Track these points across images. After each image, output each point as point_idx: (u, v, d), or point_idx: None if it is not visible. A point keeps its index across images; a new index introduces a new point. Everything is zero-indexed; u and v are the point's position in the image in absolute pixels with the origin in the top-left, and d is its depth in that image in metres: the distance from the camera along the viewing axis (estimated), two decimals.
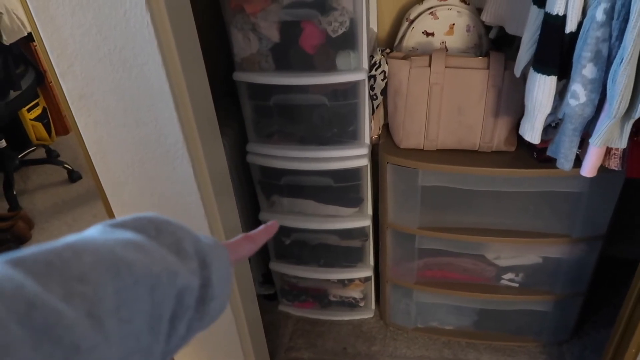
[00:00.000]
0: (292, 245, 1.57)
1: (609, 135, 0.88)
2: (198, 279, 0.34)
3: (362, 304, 1.69)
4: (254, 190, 1.50)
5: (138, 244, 0.31)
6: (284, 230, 1.53)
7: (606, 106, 0.86)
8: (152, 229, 0.33)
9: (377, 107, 1.35)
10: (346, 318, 1.70)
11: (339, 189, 1.41)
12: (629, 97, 0.81)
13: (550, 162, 1.15)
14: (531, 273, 1.41)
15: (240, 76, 1.27)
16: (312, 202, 1.46)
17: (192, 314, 0.33)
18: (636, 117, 0.83)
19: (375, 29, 1.44)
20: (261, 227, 0.45)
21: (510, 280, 1.44)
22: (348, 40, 1.19)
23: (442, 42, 1.32)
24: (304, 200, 1.46)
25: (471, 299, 1.50)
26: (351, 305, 1.69)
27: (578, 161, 1.01)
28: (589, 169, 0.95)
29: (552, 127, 1.14)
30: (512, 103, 1.19)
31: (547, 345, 1.54)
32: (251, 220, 1.55)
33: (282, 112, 1.33)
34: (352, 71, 1.22)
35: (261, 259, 1.71)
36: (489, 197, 1.29)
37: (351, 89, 1.26)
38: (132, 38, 0.79)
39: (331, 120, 1.31)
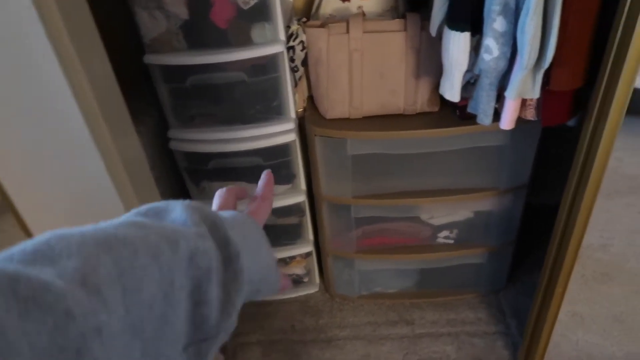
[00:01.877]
0: None
1: (523, 86, 0.90)
2: (210, 241, 0.34)
3: (306, 280, 1.68)
4: (182, 178, 1.43)
5: (129, 222, 0.31)
6: None
7: (517, 58, 0.88)
8: (151, 213, 0.35)
9: (299, 79, 1.31)
10: (292, 295, 1.69)
11: (269, 167, 1.37)
12: (538, 47, 0.83)
13: (472, 119, 1.17)
14: (465, 228, 1.46)
15: (151, 58, 1.18)
16: (244, 183, 1.41)
17: (222, 275, 0.33)
18: (546, 66, 0.85)
19: None
20: (261, 181, 0.49)
21: (446, 237, 1.48)
22: (261, 12, 1.14)
23: (359, 7, 1.30)
24: (234, 182, 1.41)
25: (411, 261, 1.53)
26: (295, 282, 1.68)
27: (498, 115, 1.04)
28: (507, 121, 0.98)
29: (471, 84, 1.15)
30: (432, 63, 1.20)
31: (485, 294, 1.62)
32: None
33: (201, 93, 1.26)
34: (268, 44, 1.17)
35: None
36: (418, 159, 1.30)
37: (270, 62, 1.21)
38: (16, 24, 0.70)
39: (253, 97, 1.26)
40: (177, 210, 0.35)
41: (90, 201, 0.91)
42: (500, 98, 1.01)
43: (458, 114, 1.22)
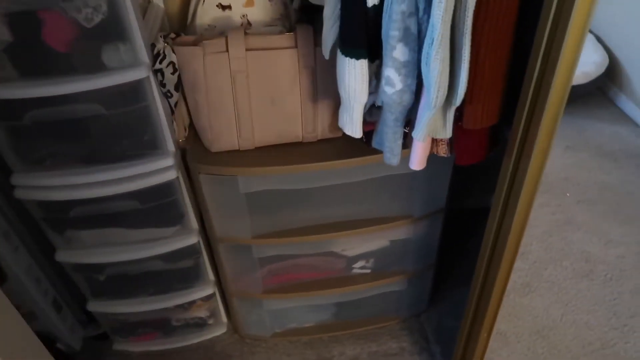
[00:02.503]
0: (109, 281, 1.28)
1: (432, 126, 0.75)
2: None
3: (211, 322, 1.48)
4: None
5: None
6: (93, 267, 1.24)
7: (424, 95, 0.72)
8: None
9: (175, 106, 1.09)
10: (196, 340, 1.48)
11: (150, 209, 1.15)
12: (447, 84, 0.68)
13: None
14: (381, 257, 1.32)
15: None
16: (120, 229, 1.18)
17: None
18: (457, 104, 0.70)
19: (162, 4, 1.16)
20: None
21: (362, 267, 1.34)
22: (113, 30, 0.90)
23: (243, 16, 1.09)
24: (108, 229, 1.17)
25: (326, 296, 1.38)
26: (199, 325, 1.48)
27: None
28: (417, 162, 0.83)
29: (376, 108, 0.99)
30: (330, 84, 1.02)
31: (407, 320, 1.50)
32: (49, 262, 1.23)
33: (48, 130, 1.00)
34: (127, 68, 0.93)
35: (78, 296, 1.39)
36: (323, 191, 1.13)
37: (133, 90, 0.97)
38: None
39: (117, 131, 1.03)
40: None
41: None
42: (408, 134, 0.85)
43: (364, 140, 1.05)
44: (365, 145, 1.06)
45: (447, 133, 0.75)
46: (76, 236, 1.17)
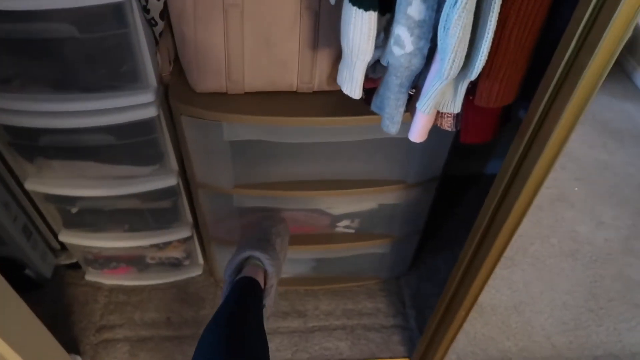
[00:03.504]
0: (82, 213, 1.23)
1: (440, 98, 0.66)
2: None
3: (187, 263, 1.45)
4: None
5: None
6: (64, 199, 1.17)
7: (436, 62, 0.63)
8: None
9: (160, 35, 0.98)
10: (171, 279, 1.46)
11: (127, 145, 1.07)
12: (464, 54, 0.59)
13: None
14: (367, 219, 1.27)
15: None
16: (94, 163, 1.10)
17: None
18: (473, 77, 0.61)
19: None
20: None
21: (346, 227, 1.29)
22: None
23: None
24: (81, 162, 1.10)
25: (306, 251, 1.34)
26: (174, 265, 1.44)
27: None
28: (417, 133, 0.75)
29: (381, 65, 0.90)
30: (334, 31, 0.91)
31: (385, 281, 1.48)
32: (21, 187, 1.16)
33: (17, 48, 0.90)
34: None
35: (50, 223, 1.34)
36: (314, 147, 1.06)
37: (111, 13, 0.86)
38: None
39: (92, 58, 0.92)
40: None
41: None
42: (411, 101, 0.77)
43: (364, 97, 0.96)
44: (364, 104, 0.97)
45: (456, 108, 0.67)
46: (47, 165, 1.10)
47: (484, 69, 0.60)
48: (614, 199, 1.72)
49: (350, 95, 0.77)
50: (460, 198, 1.71)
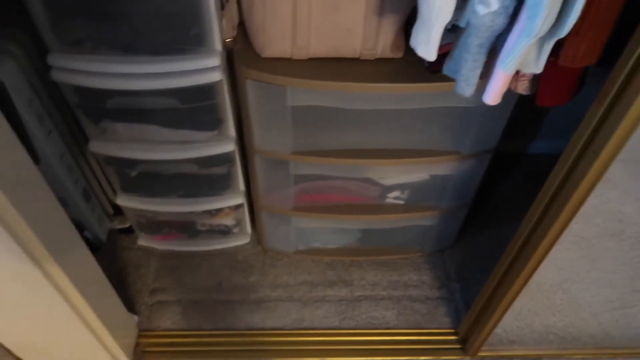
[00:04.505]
0: (141, 177, 1.26)
1: (525, 58, 0.66)
2: None
3: (236, 230, 1.48)
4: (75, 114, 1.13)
5: None
6: (125, 162, 1.21)
7: (523, 19, 0.63)
8: None
9: (227, 0, 0.99)
10: (219, 247, 1.50)
11: (189, 110, 1.10)
12: (557, 10, 0.59)
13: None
14: (418, 190, 1.28)
15: None
16: (156, 127, 1.13)
17: None
18: (564, 34, 0.61)
19: None
20: None
21: (396, 198, 1.30)
22: None
23: None
24: (144, 125, 1.13)
25: (355, 221, 1.35)
26: (223, 232, 1.48)
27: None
28: (494, 95, 0.75)
29: (447, 30, 0.90)
30: None
31: (430, 255, 1.49)
32: (81, 151, 1.20)
33: (88, 9, 0.92)
34: None
35: (107, 189, 1.39)
36: (373, 115, 1.06)
37: None
38: None
39: (163, 21, 0.95)
40: None
41: None
42: (487, 63, 0.77)
43: (427, 65, 0.97)
44: (425, 72, 0.98)
45: (539, 67, 0.67)
46: (111, 128, 1.13)
47: (573, 26, 0.60)
48: None
49: (425, 57, 0.78)
50: (504, 175, 1.70)
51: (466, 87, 0.76)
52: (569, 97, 0.79)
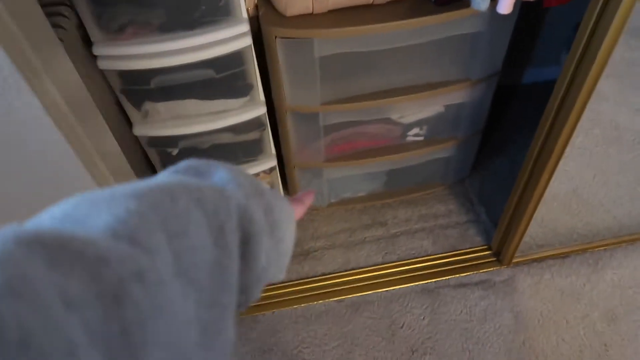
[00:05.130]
0: (181, 155, 1.36)
1: None
2: (258, 200, 0.33)
3: None
4: (118, 102, 1.22)
5: (165, 177, 0.32)
6: (168, 141, 1.31)
7: None
8: (191, 171, 0.33)
9: None
10: None
11: (223, 79, 1.19)
12: None
13: (449, 4, 1.06)
14: (435, 123, 1.40)
15: None
16: (194, 100, 1.23)
17: (266, 242, 0.33)
18: None
19: None
20: (299, 193, 0.45)
21: (416, 135, 1.42)
22: None
23: None
24: (183, 101, 1.22)
25: (381, 163, 1.47)
26: None
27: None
28: (507, 4, 0.87)
29: None
30: None
31: (452, 185, 1.62)
32: (127, 138, 1.29)
33: None
34: None
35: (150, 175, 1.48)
36: (388, 55, 1.18)
37: None
38: None
39: None
40: (221, 171, 0.33)
41: (25, 138, 0.72)
42: None
43: (434, 0, 1.09)
44: (433, 6, 1.09)
45: None
46: (153, 109, 1.23)
47: None
48: None
49: None
50: (506, 107, 1.83)
51: (481, 1, 0.88)
52: None
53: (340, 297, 1.40)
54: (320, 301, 1.40)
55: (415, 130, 1.41)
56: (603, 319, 1.31)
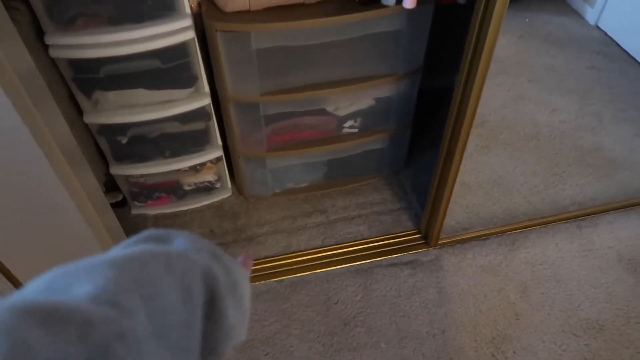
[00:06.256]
0: (131, 143, 1.45)
1: None
2: (217, 263, 0.36)
3: (218, 185, 1.68)
4: (69, 91, 1.30)
5: (133, 246, 0.34)
6: (117, 129, 1.39)
7: None
8: (152, 240, 0.36)
9: None
10: (206, 203, 1.69)
11: (169, 70, 1.30)
12: None
13: (370, 4, 1.20)
14: (367, 116, 1.54)
15: None
16: (142, 90, 1.33)
17: (230, 301, 0.36)
18: None
19: None
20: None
21: (351, 127, 1.55)
22: None
23: None
24: (132, 90, 1.32)
25: (320, 153, 1.59)
26: (208, 189, 1.68)
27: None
28: (410, 0, 1.01)
29: None
30: None
31: (387, 177, 1.76)
32: (77, 125, 1.37)
33: None
34: None
35: (99, 167, 1.55)
36: (320, 50, 1.31)
37: None
38: None
39: None
40: (180, 238, 0.37)
41: None
42: None
43: (358, 0, 1.23)
44: (356, 6, 1.24)
45: None
46: (103, 97, 1.32)
47: None
48: (562, 90, 2.05)
49: None
50: (437, 108, 2.00)
51: None
52: None
53: (280, 278, 1.50)
54: (262, 282, 1.49)
55: (350, 122, 1.54)
56: (516, 291, 1.45)
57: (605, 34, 2.35)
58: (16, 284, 1.13)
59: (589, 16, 2.43)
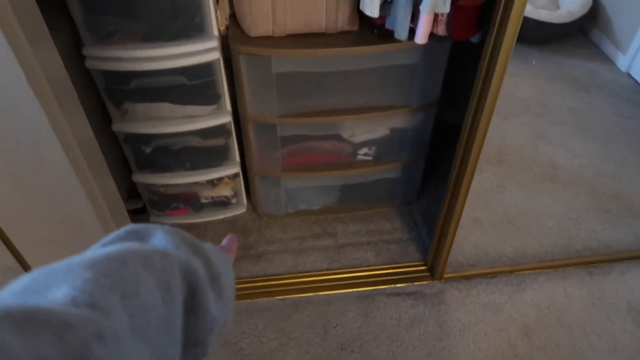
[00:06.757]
0: (154, 154, 1.52)
1: (435, 2, 0.98)
2: (197, 256, 0.36)
3: (234, 201, 1.74)
4: (101, 100, 1.39)
5: (111, 244, 0.34)
6: (142, 139, 1.47)
7: None
8: (131, 236, 0.36)
9: None
10: (221, 217, 1.75)
11: (194, 87, 1.38)
12: None
13: (389, 38, 1.25)
14: (382, 145, 1.57)
15: None
16: (167, 104, 1.41)
17: (211, 293, 0.36)
18: None
19: None
20: (226, 239, 0.50)
21: (365, 154, 1.59)
22: None
23: None
24: (158, 103, 1.40)
25: (333, 177, 1.63)
26: (223, 203, 1.73)
27: (413, 34, 1.12)
28: (421, 35, 1.06)
29: (387, 3, 1.22)
30: None
31: (399, 207, 1.78)
32: (105, 133, 1.46)
33: (118, 7, 1.21)
34: None
35: (123, 174, 1.64)
36: (339, 78, 1.37)
37: None
38: None
39: (173, 12, 1.24)
40: (159, 234, 0.37)
41: (11, 113, 0.88)
42: (414, 16, 1.08)
43: (376, 32, 1.29)
44: (376, 38, 1.29)
45: (446, 8, 0.99)
46: (131, 109, 1.40)
47: None
48: (586, 135, 2.04)
49: (371, 15, 1.09)
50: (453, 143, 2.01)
51: (402, 32, 1.07)
52: (473, 30, 1.11)
53: (284, 296, 1.53)
54: (266, 298, 1.52)
55: (365, 150, 1.58)
56: (518, 332, 1.43)
57: (636, 81, 2.33)
58: None
59: (620, 63, 2.42)
